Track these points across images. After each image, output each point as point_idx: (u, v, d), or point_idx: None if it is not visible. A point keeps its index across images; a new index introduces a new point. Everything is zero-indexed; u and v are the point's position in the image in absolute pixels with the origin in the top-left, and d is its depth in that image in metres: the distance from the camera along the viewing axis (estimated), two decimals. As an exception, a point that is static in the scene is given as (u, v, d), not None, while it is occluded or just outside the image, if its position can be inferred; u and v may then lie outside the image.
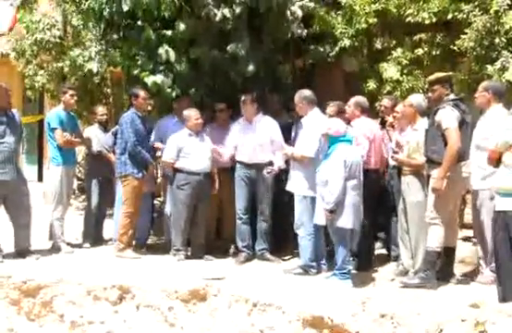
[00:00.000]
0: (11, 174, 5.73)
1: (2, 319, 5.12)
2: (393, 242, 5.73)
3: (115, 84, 7.93)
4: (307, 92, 5.57)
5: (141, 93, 6.09)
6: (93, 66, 7.00)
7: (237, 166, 6.05)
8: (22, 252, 5.84)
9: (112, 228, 6.54)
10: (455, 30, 6.43)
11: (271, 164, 5.90)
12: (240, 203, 5.99)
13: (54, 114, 6.26)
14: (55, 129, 6.15)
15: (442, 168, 4.75)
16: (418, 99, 5.35)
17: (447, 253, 5.09)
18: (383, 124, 6.07)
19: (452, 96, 4.93)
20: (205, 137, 6.11)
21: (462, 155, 4.88)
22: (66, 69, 7.75)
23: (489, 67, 5.82)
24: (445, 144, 4.78)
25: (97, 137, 6.73)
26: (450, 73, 5.22)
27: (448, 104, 4.87)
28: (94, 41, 7.40)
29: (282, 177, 5.91)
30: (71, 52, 7.63)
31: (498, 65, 5.77)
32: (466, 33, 6.08)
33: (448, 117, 4.80)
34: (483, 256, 5.05)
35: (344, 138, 5.04)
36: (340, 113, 5.76)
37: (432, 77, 5.19)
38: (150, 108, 6.88)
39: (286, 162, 5.81)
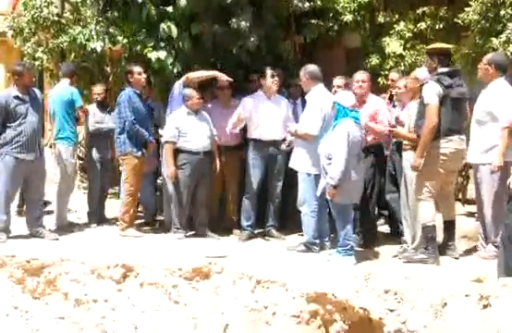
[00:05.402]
0: (35, 154, 5.69)
1: (7, 298, 5.16)
2: (398, 219, 5.71)
3: (115, 62, 7.82)
4: (312, 68, 5.48)
5: (135, 69, 5.98)
6: (97, 45, 6.91)
7: (252, 144, 5.96)
8: (37, 231, 5.78)
9: (115, 207, 6.54)
10: (458, 3, 6.34)
11: (285, 140, 5.86)
12: (253, 182, 5.91)
13: (75, 93, 6.22)
14: (81, 107, 6.22)
15: (419, 145, 4.71)
16: (424, 73, 5.24)
17: (447, 227, 5.10)
18: (391, 98, 6.00)
19: (440, 70, 4.81)
20: (205, 116, 6.04)
21: (449, 132, 4.74)
22: (64, 47, 7.64)
23: (494, 39, 5.74)
24: None
25: (95, 116, 6.68)
26: (444, 45, 5.06)
27: (432, 79, 4.79)
28: (93, 18, 7.28)
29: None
30: (71, 30, 7.52)
31: (503, 37, 5.68)
32: (470, 6, 5.98)
33: (429, 92, 4.71)
34: (483, 231, 5.04)
35: (352, 113, 4.94)
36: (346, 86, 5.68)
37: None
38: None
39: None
